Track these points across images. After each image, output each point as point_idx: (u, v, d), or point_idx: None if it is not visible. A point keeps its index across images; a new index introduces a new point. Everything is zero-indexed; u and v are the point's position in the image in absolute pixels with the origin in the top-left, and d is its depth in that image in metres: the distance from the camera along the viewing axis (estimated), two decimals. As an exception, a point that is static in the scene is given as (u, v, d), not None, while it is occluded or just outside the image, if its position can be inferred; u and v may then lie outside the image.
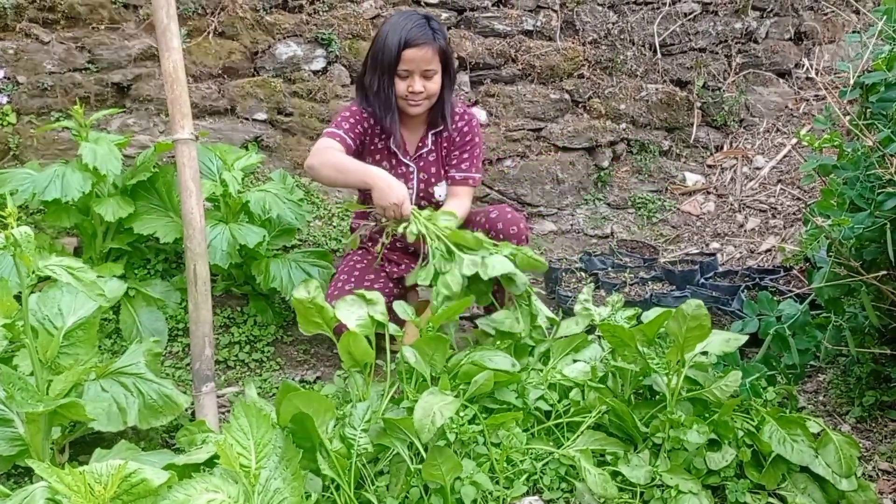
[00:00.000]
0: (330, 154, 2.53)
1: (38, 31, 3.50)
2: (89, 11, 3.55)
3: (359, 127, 2.69)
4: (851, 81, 2.30)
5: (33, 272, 1.76)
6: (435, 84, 2.65)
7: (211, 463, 1.73)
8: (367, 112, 2.71)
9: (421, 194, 2.79)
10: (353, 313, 2.15)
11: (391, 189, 2.38)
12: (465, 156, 2.80)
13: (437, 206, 2.78)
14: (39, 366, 1.89)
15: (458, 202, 2.74)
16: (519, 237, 2.64)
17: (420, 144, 2.79)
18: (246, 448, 1.53)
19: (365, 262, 2.80)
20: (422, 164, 2.79)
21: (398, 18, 2.62)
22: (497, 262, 2.29)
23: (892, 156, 2.18)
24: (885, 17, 2.36)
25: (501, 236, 2.62)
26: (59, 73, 3.53)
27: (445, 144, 2.81)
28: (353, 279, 2.72)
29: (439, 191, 2.80)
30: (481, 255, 2.33)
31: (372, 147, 2.77)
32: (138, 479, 1.42)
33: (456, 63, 2.74)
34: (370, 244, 2.85)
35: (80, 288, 1.78)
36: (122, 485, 1.42)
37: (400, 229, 2.43)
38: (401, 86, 2.63)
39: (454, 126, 2.79)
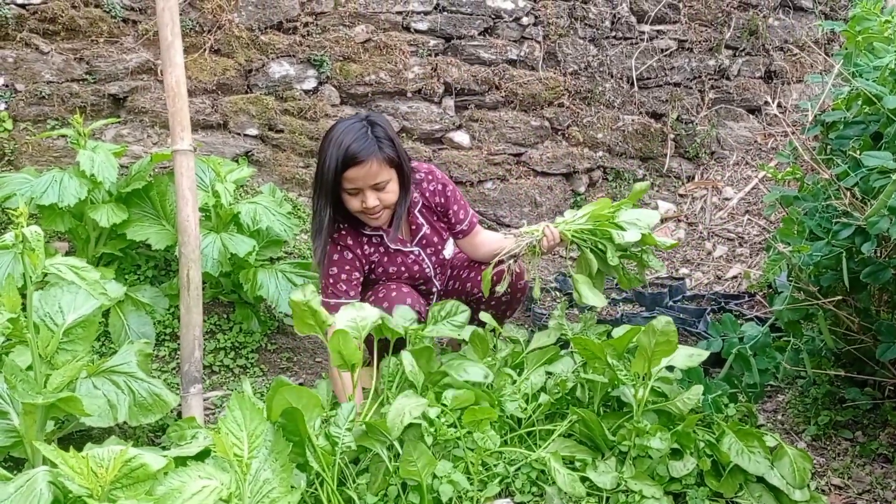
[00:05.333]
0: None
1: (38, 42, 3.60)
2: (89, 24, 3.66)
3: (354, 272, 2.59)
4: (811, 119, 2.46)
5: (40, 270, 1.85)
6: (390, 193, 2.50)
7: (200, 457, 1.82)
8: (351, 237, 2.60)
9: (437, 267, 2.78)
10: (345, 315, 2.25)
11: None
12: (456, 207, 2.75)
13: (447, 263, 2.82)
14: (39, 361, 1.98)
15: (481, 239, 2.80)
16: (523, 290, 2.81)
17: (414, 229, 2.71)
18: (239, 439, 1.63)
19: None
20: (424, 242, 2.73)
21: (338, 132, 2.44)
22: (644, 213, 2.53)
23: (847, 189, 2.34)
24: (843, 60, 2.54)
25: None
26: (57, 83, 3.62)
27: (434, 212, 2.75)
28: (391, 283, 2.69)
29: (448, 252, 2.79)
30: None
31: (373, 262, 2.67)
32: (138, 464, 1.52)
33: (407, 162, 2.58)
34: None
35: (84, 287, 1.88)
36: (123, 469, 1.51)
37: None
38: (354, 202, 2.49)
39: (429, 192, 2.71)
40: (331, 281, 2.57)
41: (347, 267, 2.58)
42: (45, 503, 1.48)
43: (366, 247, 2.64)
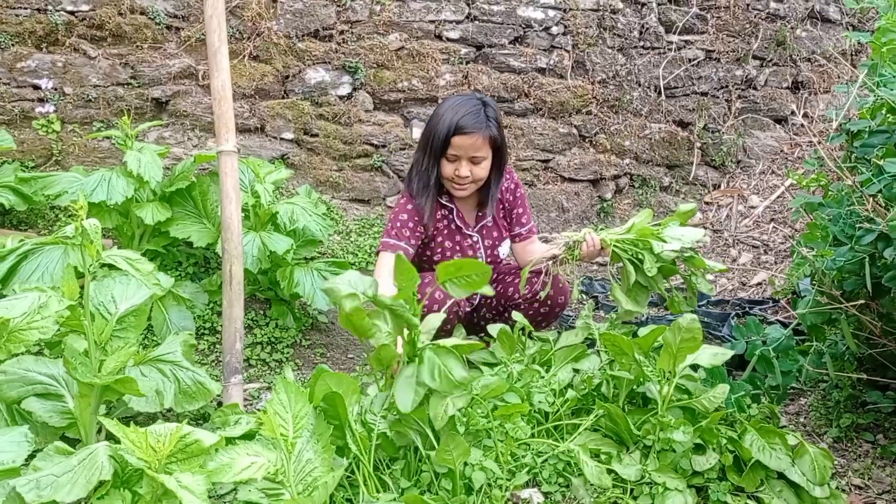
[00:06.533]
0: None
1: (86, 47, 3.76)
2: (134, 31, 3.81)
3: (420, 228, 2.76)
4: (835, 125, 2.52)
5: (98, 261, 1.97)
6: (482, 170, 2.73)
7: (245, 439, 1.92)
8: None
9: (489, 259, 2.94)
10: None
11: None
12: (521, 210, 2.98)
13: (501, 263, 3.00)
14: (94, 346, 2.10)
15: (534, 248, 2.97)
16: (563, 306, 2.93)
17: (480, 215, 2.92)
18: (285, 420, 1.73)
19: None
20: (484, 232, 2.93)
21: (455, 102, 2.70)
22: (687, 231, 2.59)
23: (870, 196, 2.40)
24: (868, 70, 2.60)
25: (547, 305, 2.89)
26: (103, 87, 3.78)
27: (502, 207, 2.97)
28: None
29: (503, 250, 2.97)
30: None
31: (435, 231, 2.86)
32: (192, 440, 1.63)
33: (508, 151, 2.85)
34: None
35: (138, 277, 2.00)
36: (178, 444, 1.62)
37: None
38: (448, 168, 2.71)
39: (504, 188, 2.93)
40: (398, 224, 2.74)
41: (416, 219, 2.75)
42: (106, 474, 1.59)
43: (437, 212, 2.83)
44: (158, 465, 1.58)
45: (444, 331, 2.71)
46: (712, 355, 2.31)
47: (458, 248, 2.88)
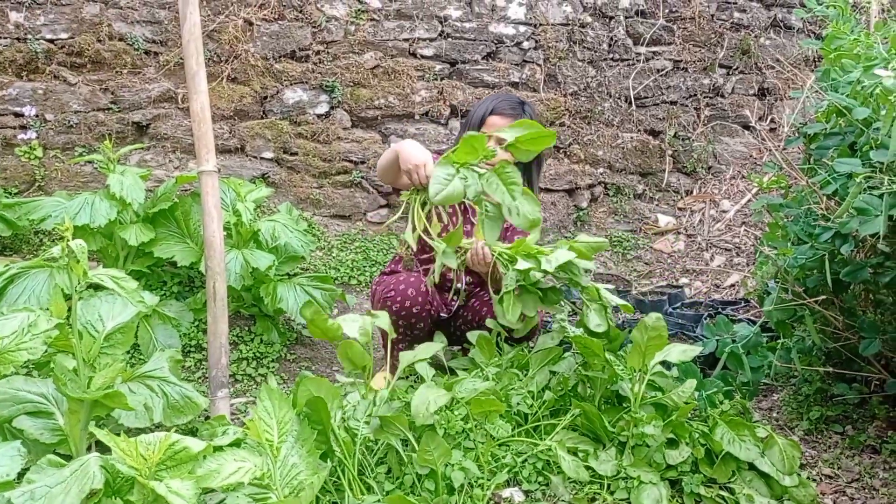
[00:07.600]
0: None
1: (66, 74, 3.83)
2: (114, 57, 3.89)
3: None
4: (786, 130, 2.63)
5: (84, 280, 2.04)
6: (506, 155, 2.82)
7: (232, 447, 1.99)
8: None
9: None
10: (355, 323, 2.40)
11: (413, 153, 2.54)
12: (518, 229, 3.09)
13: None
14: (83, 364, 2.16)
15: None
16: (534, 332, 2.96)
17: None
18: (270, 425, 1.80)
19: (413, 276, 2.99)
20: None
21: (498, 94, 3.04)
22: (560, 254, 2.59)
23: (828, 196, 2.51)
24: (821, 75, 2.71)
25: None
26: (84, 112, 3.85)
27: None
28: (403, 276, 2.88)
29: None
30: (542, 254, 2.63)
31: None
32: (181, 447, 1.69)
33: (544, 156, 3.07)
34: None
35: (123, 295, 2.06)
36: (167, 451, 1.68)
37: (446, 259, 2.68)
38: None
39: None
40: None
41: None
42: (98, 483, 1.65)
43: None
44: (149, 472, 1.64)
45: (418, 331, 2.77)
46: (681, 352, 2.39)
47: (457, 224, 2.96)
